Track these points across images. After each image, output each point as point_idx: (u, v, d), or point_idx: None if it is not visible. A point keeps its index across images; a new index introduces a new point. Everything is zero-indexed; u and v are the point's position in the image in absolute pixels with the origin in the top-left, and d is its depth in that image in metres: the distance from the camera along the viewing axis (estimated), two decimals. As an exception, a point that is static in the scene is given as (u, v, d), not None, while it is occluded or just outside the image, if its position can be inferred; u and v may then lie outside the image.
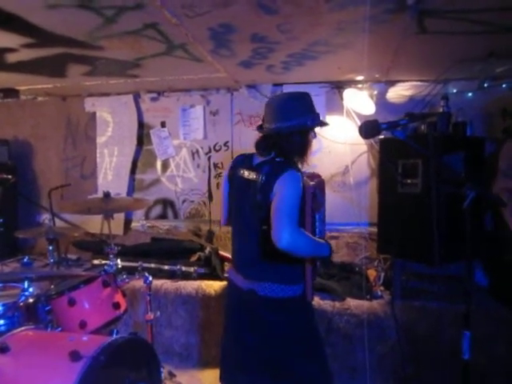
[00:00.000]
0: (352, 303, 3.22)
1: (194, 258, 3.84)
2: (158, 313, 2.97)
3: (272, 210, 1.91)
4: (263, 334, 2.06)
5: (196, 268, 3.70)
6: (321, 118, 2.16)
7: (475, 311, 1.83)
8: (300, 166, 2.13)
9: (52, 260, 2.99)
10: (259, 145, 2.14)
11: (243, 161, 2.19)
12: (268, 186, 1.97)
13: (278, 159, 2.05)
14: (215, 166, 4.50)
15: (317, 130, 2.17)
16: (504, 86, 3.69)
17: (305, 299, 2.09)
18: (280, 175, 1.96)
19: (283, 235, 1.83)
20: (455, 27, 2.59)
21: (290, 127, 2.03)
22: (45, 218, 4.86)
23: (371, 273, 3.64)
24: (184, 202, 4.63)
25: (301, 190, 1.94)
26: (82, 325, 2.44)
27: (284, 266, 2.02)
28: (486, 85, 3.72)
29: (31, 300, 2.24)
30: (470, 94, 3.79)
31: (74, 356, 1.68)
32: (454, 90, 3.81)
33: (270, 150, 2.08)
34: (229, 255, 3.82)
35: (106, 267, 2.75)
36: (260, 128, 2.17)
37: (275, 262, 2.00)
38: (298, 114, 2.04)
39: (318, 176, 2.19)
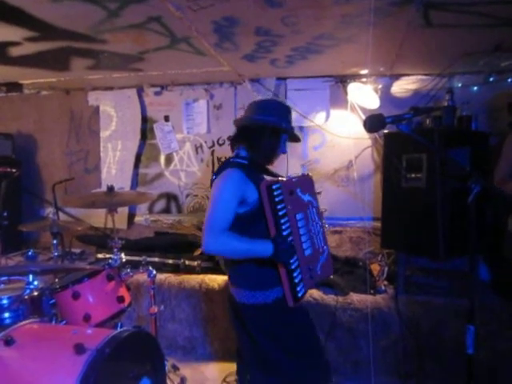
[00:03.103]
0: (355, 298, 3.22)
1: (197, 252, 3.84)
2: (162, 306, 2.99)
3: None
4: (249, 334, 2.06)
5: (199, 262, 3.71)
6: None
7: (479, 306, 1.82)
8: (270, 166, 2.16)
9: (56, 254, 3.00)
10: (232, 138, 2.19)
11: None
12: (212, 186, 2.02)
13: (232, 158, 2.07)
14: (219, 160, 4.49)
15: (320, 124, 2.17)
16: (510, 80, 3.67)
17: (283, 304, 1.98)
18: (217, 177, 1.98)
19: (204, 241, 1.83)
20: (460, 20, 2.57)
21: (265, 121, 2.04)
22: (49, 211, 4.87)
23: (375, 267, 3.63)
24: (187, 196, 4.63)
25: (237, 189, 1.90)
26: (87, 318, 2.44)
27: (250, 269, 1.99)
28: (491, 79, 3.70)
29: (36, 293, 2.26)
30: (475, 88, 3.77)
31: (79, 349, 1.69)
32: (459, 84, 3.79)
33: (238, 141, 2.12)
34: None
35: (110, 261, 2.76)
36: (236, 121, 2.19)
37: (238, 266, 2.02)
38: (275, 113, 2.06)
39: (305, 175, 2.21)
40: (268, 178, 2.11)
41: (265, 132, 2.04)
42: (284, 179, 2.01)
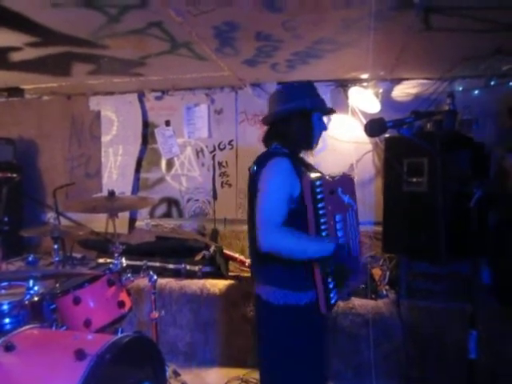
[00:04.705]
0: (357, 302, 3.20)
1: (198, 257, 3.84)
2: (163, 311, 2.98)
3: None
4: (266, 342, 1.97)
5: (201, 267, 3.70)
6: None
7: (481, 311, 1.81)
8: (309, 157, 2.04)
9: (57, 259, 2.99)
10: (264, 137, 2.05)
11: None
12: (256, 177, 1.87)
13: (272, 149, 1.95)
14: (220, 164, 4.49)
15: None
16: (511, 83, 3.66)
17: (313, 310, 1.87)
18: (264, 166, 1.84)
19: (261, 239, 1.70)
20: (461, 24, 2.57)
21: (289, 110, 1.93)
22: (50, 216, 4.85)
23: (376, 272, 3.62)
24: (189, 200, 4.62)
25: (287, 180, 1.79)
26: (87, 323, 2.44)
27: (283, 269, 1.82)
28: (492, 83, 3.70)
29: (36, 298, 2.24)
30: (476, 92, 3.76)
31: (79, 354, 1.68)
32: (460, 88, 3.79)
33: (270, 138, 2.00)
34: (233, 254, 3.82)
35: (110, 266, 2.74)
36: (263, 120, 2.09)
37: (271, 264, 1.83)
38: (296, 96, 1.94)
39: (347, 175, 2.09)
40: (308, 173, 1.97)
41: (291, 120, 1.94)
42: (326, 176, 1.89)
